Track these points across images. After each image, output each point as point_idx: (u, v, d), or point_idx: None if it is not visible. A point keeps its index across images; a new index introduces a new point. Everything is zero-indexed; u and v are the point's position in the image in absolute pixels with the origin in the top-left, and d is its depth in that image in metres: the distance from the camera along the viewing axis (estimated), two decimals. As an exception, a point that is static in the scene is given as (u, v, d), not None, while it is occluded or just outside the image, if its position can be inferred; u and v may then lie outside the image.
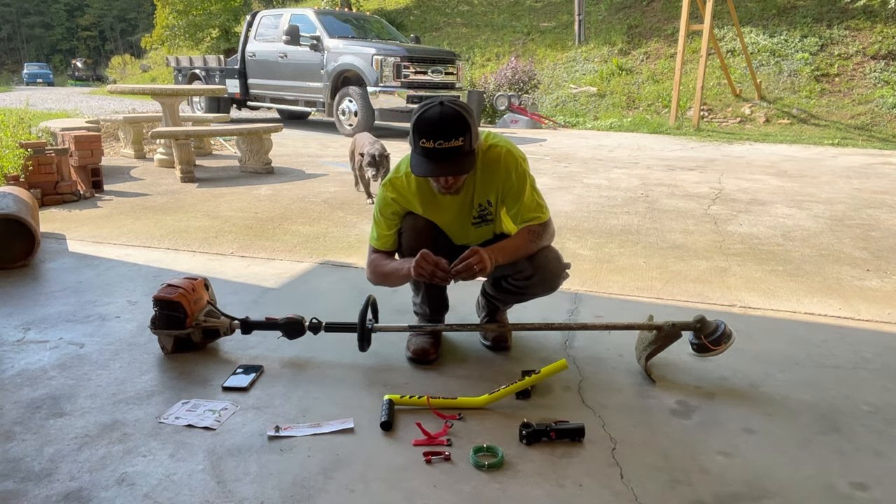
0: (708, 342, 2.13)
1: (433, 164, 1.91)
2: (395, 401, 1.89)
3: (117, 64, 33.92)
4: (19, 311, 2.65)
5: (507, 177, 2.06)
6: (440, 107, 1.88)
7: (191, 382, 2.07)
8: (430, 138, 1.86)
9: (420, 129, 1.89)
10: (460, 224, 2.18)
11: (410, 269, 2.01)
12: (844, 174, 6.67)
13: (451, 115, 1.87)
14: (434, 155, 1.89)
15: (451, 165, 1.91)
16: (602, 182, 5.96)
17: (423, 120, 1.89)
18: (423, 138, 1.88)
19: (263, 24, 10.97)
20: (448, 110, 1.87)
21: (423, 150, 1.89)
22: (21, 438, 1.73)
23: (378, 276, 2.20)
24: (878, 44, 11.44)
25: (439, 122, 1.86)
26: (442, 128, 1.86)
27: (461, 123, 1.87)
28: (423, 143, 1.88)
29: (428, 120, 1.88)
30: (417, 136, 1.90)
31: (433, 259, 1.98)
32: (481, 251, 1.98)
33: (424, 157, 1.91)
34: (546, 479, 1.58)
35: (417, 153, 1.93)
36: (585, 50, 14.49)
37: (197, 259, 3.44)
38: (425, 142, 1.88)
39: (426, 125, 1.88)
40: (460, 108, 1.89)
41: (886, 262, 3.52)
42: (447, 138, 1.86)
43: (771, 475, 1.62)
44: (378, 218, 2.18)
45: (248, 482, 1.55)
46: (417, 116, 1.90)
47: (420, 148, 1.90)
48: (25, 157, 4.58)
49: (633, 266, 3.38)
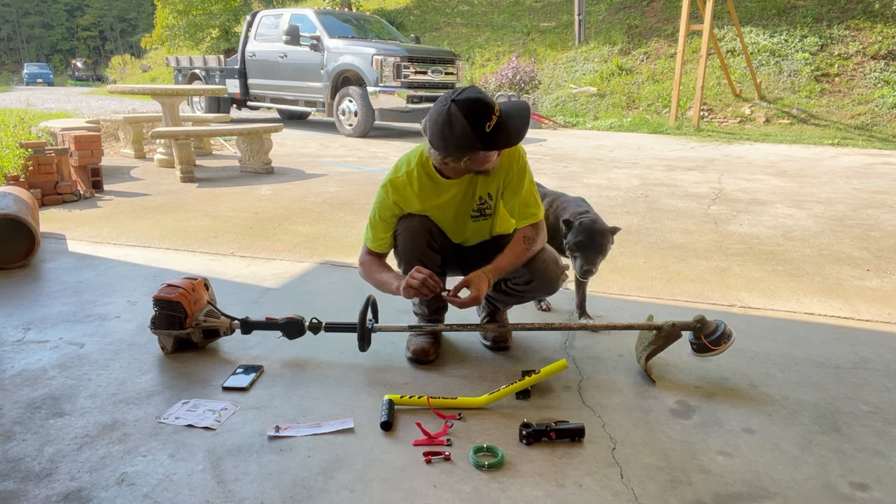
0: (708, 342, 2.13)
1: (511, 130, 1.86)
2: (395, 401, 1.89)
3: (117, 64, 33.91)
4: (19, 311, 2.65)
5: (510, 168, 2.06)
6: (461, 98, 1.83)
7: (191, 382, 2.07)
8: (491, 114, 1.82)
9: (477, 117, 1.81)
10: (460, 219, 2.18)
11: (399, 289, 2.05)
12: (844, 174, 6.67)
13: (474, 93, 1.85)
14: (501, 126, 1.84)
15: (519, 121, 1.88)
16: (602, 182, 5.96)
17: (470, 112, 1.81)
18: (487, 121, 1.82)
19: (263, 24, 10.97)
20: (470, 93, 1.85)
21: (496, 127, 1.83)
22: (21, 438, 1.73)
23: (369, 280, 2.23)
24: (878, 44, 11.44)
25: (480, 100, 1.83)
26: (485, 102, 1.83)
27: (484, 94, 1.88)
28: (490, 125, 1.82)
29: (472, 106, 1.82)
30: (479, 124, 1.81)
31: (421, 277, 2.01)
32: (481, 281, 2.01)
33: (500, 132, 1.84)
34: (546, 479, 1.58)
35: (486, 140, 1.84)
36: (585, 50, 14.49)
37: (197, 259, 3.44)
38: (489, 122, 1.82)
39: (477, 109, 1.82)
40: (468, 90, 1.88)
41: (886, 262, 3.52)
42: (494, 108, 1.84)
43: (771, 475, 1.62)
44: (376, 220, 2.18)
45: (248, 482, 1.55)
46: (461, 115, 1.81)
47: (486, 134, 1.83)
48: (25, 157, 4.58)
49: (633, 266, 3.38)
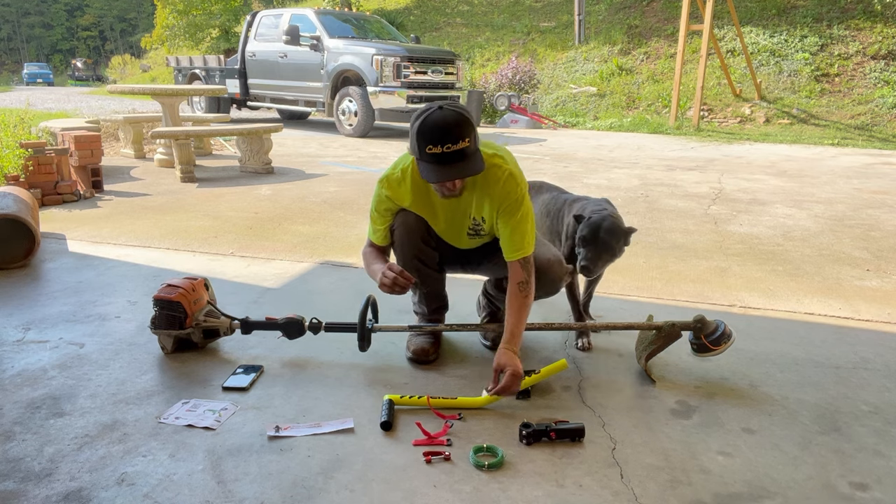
0: (708, 342, 2.13)
1: (445, 169, 1.86)
2: (395, 401, 1.89)
3: (117, 64, 33.88)
4: (19, 311, 2.65)
5: (506, 197, 2.01)
6: (440, 111, 1.84)
7: (191, 382, 2.07)
8: (438, 143, 1.82)
9: (424, 136, 1.83)
10: (454, 230, 2.18)
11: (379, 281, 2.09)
12: (844, 174, 6.67)
13: (453, 117, 1.84)
14: (444, 159, 1.84)
15: (463, 166, 1.87)
16: (602, 182, 5.96)
17: (426, 126, 1.83)
18: (430, 144, 1.82)
19: (263, 24, 10.97)
20: (449, 113, 1.84)
21: (432, 157, 1.84)
22: (21, 438, 1.73)
23: (366, 269, 2.26)
24: (878, 44, 11.44)
25: (444, 126, 1.82)
26: (447, 131, 1.82)
27: (464, 124, 1.84)
28: (431, 150, 1.82)
29: (431, 125, 1.82)
30: (423, 142, 1.83)
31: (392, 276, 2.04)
32: (512, 359, 1.91)
33: (434, 162, 1.85)
34: (546, 479, 1.58)
35: (425, 160, 1.87)
36: (585, 50, 14.49)
37: (197, 259, 3.44)
38: (432, 147, 1.82)
39: (430, 130, 1.82)
40: (460, 110, 1.87)
41: (886, 262, 3.52)
42: (454, 141, 1.82)
43: (771, 475, 1.62)
44: (373, 214, 2.21)
45: (248, 482, 1.56)
46: (420, 123, 1.84)
47: (427, 155, 1.84)
48: (26, 157, 4.58)
49: (633, 266, 3.38)
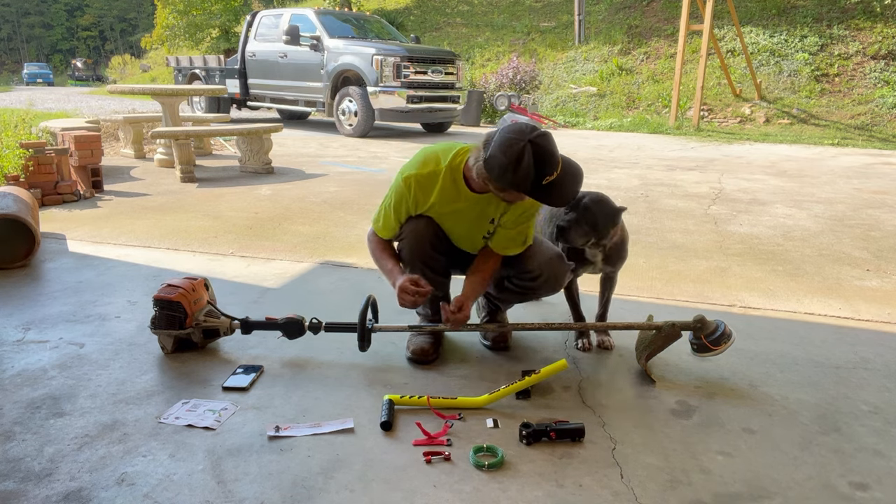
0: (708, 342, 2.13)
1: (561, 196, 1.89)
2: (395, 401, 1.89)
3: (117, 64, 33.86)
4: (19, 311, 2.65)
5: (532, 206, 2.07)
6: (530, 144, 1.80)
7: (191, 382, 2.07)
8: (554, 171, 1.84)
9: (541, 169, 1.82)
10: (472, 233, 2.18)
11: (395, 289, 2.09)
12: (844, 174, 6.67)
13: (550, 143, 1.84)
14: (558, 185, 1.86)
15: (571, 189, 1.92)
16: (602, 182, 5.96)
17: (541, 160, 1.81)
18: (548, 175, 1.83)
19: (263, 24, 10.97)
20: (537, 142, 1.81)
21: (552, 182, 1.84)
22: (21, 438, 1.73)
23: (373, 257, 2.27)
24: (878, 44, 11.44)
25: (554, 153, 1.83)
26: (556, 157, 1.85)
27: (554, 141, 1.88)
28: (548, 180, 1.83)
29: (544, 156, 1.81)
30: (541, 174, 1.82)
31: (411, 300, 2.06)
32: (467, 305, 2.12)
33: (551, 188, 1.85)
34: (546, 479, 1.58)
35: (535, 188, 1.84)
36: (585, 50, 14.49)
37: (197, 259, 3.44)
38: (549, 178, 1.84)
39: (547, 161, 1.82)
40: (546, 132, 1.88)
41: (886, 262, 3.52)
42: (559, 165, 1.86)
43: (771, 475, 1.62)
44: (388, 210, 2.17)
45: (248, 482, 1.56)
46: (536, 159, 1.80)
47: (540, 185, 1.84)
48: (26, 157, 4.58)
49: (632, 266, 3.38)
